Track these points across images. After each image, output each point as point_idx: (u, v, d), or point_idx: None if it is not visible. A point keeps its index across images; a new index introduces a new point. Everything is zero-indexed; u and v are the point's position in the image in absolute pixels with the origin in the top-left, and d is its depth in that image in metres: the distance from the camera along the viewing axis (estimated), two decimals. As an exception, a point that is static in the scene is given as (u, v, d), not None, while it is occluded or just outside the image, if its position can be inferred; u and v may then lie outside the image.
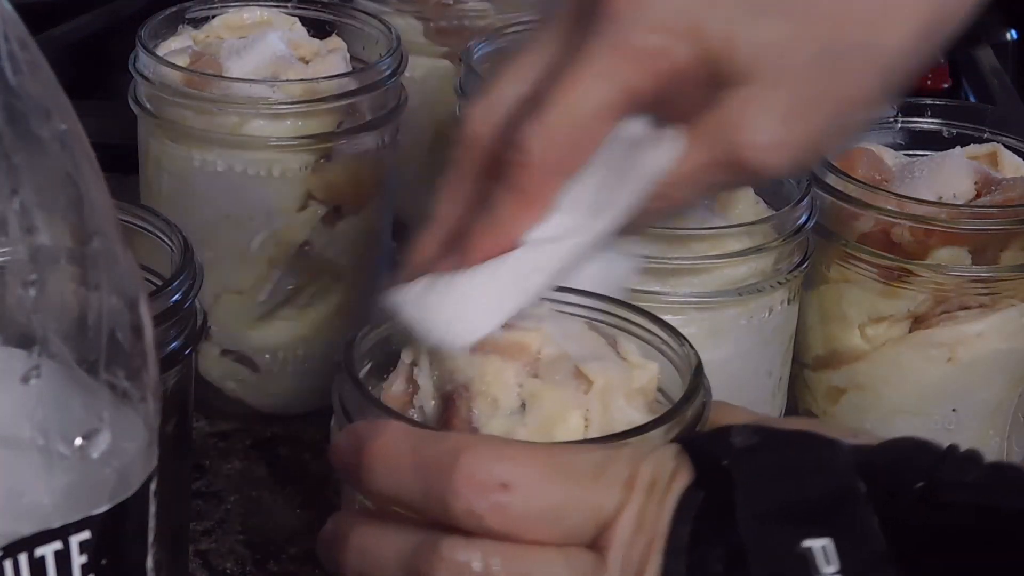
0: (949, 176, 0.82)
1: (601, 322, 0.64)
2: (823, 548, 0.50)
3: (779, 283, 0.78)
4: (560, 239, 0.63)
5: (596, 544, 0.52)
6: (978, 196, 0.83)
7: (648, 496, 0.52)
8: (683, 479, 0.53)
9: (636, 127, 0.64)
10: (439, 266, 0.63)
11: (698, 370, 0.60)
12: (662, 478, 0.53)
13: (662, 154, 0.63)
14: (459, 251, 0.63)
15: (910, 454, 0.54)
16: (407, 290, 0.62)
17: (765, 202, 0.80)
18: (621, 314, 0.64)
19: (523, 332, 0.61)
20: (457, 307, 0.61)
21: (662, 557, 0.51)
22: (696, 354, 0.61)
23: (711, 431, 0.56)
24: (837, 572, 0.50)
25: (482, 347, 0.60)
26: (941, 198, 0.81)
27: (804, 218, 0.79)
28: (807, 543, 0.50)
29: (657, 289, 0.76)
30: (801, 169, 0.74)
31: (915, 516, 0.52)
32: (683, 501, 0.52)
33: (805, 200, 0.79)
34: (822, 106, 0.64)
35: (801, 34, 0.63)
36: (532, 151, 0.61)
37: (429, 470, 0.53)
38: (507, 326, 0.61)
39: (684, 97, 0.63)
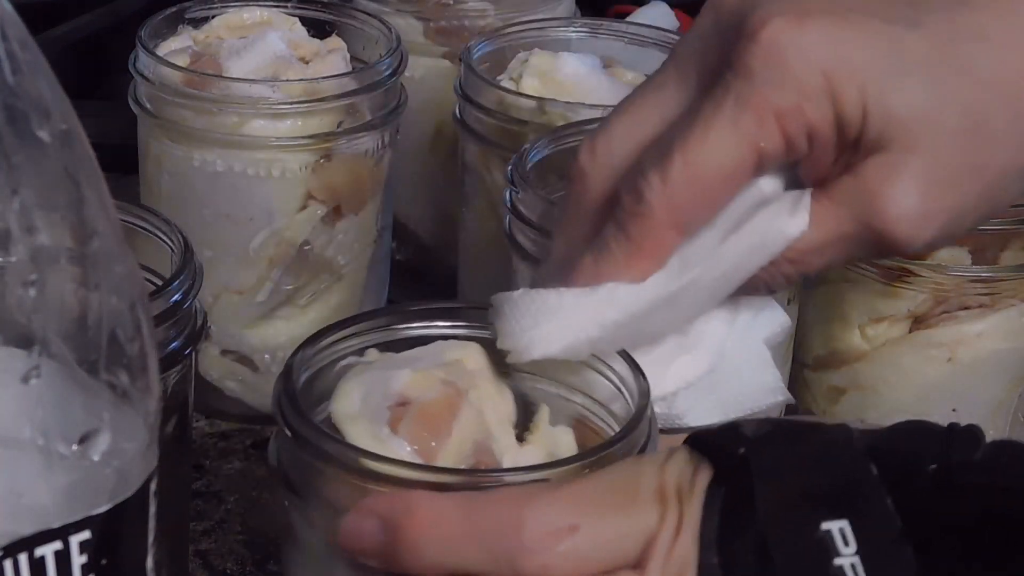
0: None
1: None
2: (840, 530, 0.51)
3: None
4: (658, 289, 0.61)
5: (639, 561, 0.53)
6: None
7: (678, 504, 0.53)
8: (705, 477, 0.53)
9: (768, 185, 0.61)
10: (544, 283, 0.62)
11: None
12: (686, 480, 0.53)
13: (793, 219, 0.61)
14: (563, 280, 0.62)
15: (917, 437, 0.54)
16: (507, 295, 0.62)
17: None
18: None
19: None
20: (538, 314, 0.61)
21: (697, 555, 0.52)
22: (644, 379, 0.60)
23: (719, 428, 0.55)
24: (855, 553, 0.51)
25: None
26: None
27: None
28: (825, 526, 0.51)
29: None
30: (946, 242, 0.69)
31: (928, 498, 0.52)
32: (708, 498, 0.52)
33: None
34: (969, 175, 0.61)
35: (947, 98, 0.60)
36: (652, 204, 0.60)
37: (492, 534, 0.53)
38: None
39: (820, 160, 0.61)
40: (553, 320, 0.60)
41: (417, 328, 0.64)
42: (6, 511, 0.43)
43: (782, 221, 0.61)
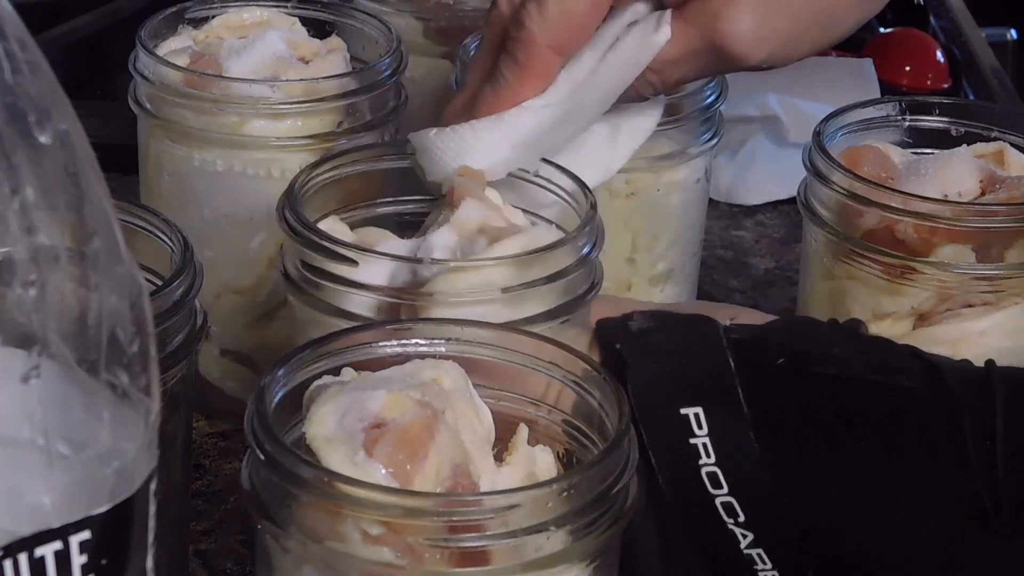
0: (955, 174, 0.82)
1: None
2: (695, 415, 0.62)
3: None
4: (554, 106, 0.74)
5: None
6: (983, 194, 0.83)
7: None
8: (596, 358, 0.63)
9: (630, 13, 0.74)
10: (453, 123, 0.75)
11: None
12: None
13: (653, 38, 0.73)
14: (468, 111, 0.75)
15: (788, 332, 0.66)
16: (423, 134, 0.75)
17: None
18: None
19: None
20: (459, 149, 0.73)
21: None
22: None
23: (620, 317, 0.66)
24: (707, 435, 0.62)
25: None
26: (946, 196, 0.81)
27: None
28: (684, 411, 0.62)
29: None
30: (782, 62, 0.77)
31: (777, 388, 0.62)
32: None
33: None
34: (799, 4, 0.73)
35: None
36: (532, 30, 0.73)
37: None
38: None
39: None
40: (471, 149, 0.73)
41: (393, 346, 0.64)
42: (6, 511, 0.43)
43: (649, 34, 0.74)
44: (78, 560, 0.44)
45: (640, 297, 0.88)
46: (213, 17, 0.93)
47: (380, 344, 0.64)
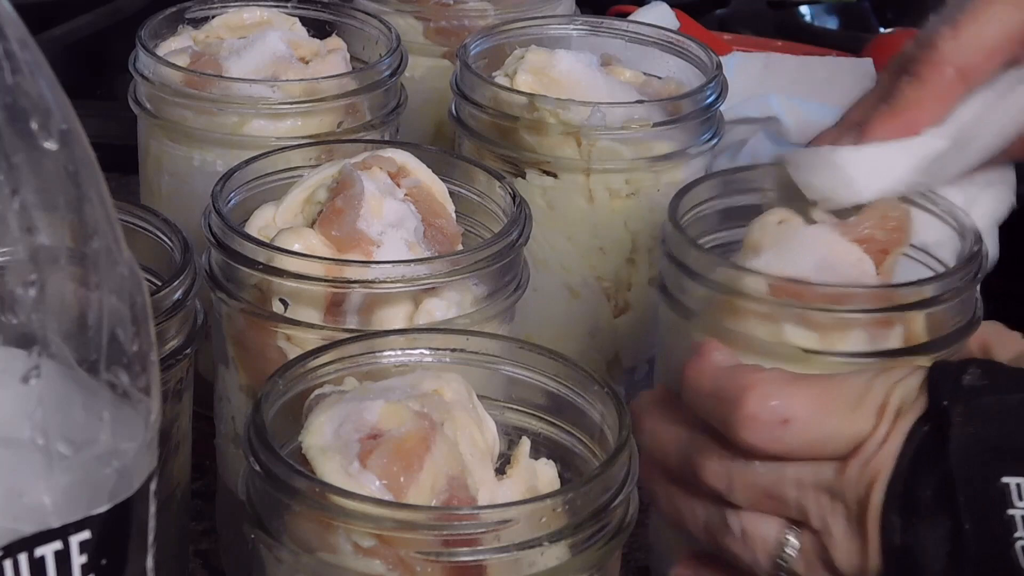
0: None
1: None
2: (1016, 485, 0.58)
3: None
4: (942, 139, 0.71)
5: (843, 458, 0.61)
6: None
7: (892, 422, 0.61)
8: (918, 409, 0.61)
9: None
10: (835, 142, 0.72)
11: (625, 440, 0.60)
12: (907, 405, 0.61)
13: None
14: (856, 132, 0.72)
15: None
16: (797, 153, 0.73)
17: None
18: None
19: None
20: (843, 171, 0.71)
21: (888, 476, 0.60)
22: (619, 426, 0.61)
23: (957, 362, 0.63)
24: None
25: None
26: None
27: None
28: (1006, 479, 0.58)
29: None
30: None
31: None
32: (912, 432, 0.60)
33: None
34: None
35: None
36: (942, 49, 0.71)
37: (721, 401, 0.63)
38: None
39: None
40: (884, 172, 0.71)
41: (397, 356, 0.64)
42: (6, 511, 0.43)
43: None
44: (78, 560, 0.44)
45: (640, 297, 0.88)
46: (213, 17, 0.93)
47: (383, 353, 0.64)
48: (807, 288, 0.67)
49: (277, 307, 0.70)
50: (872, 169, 0.71)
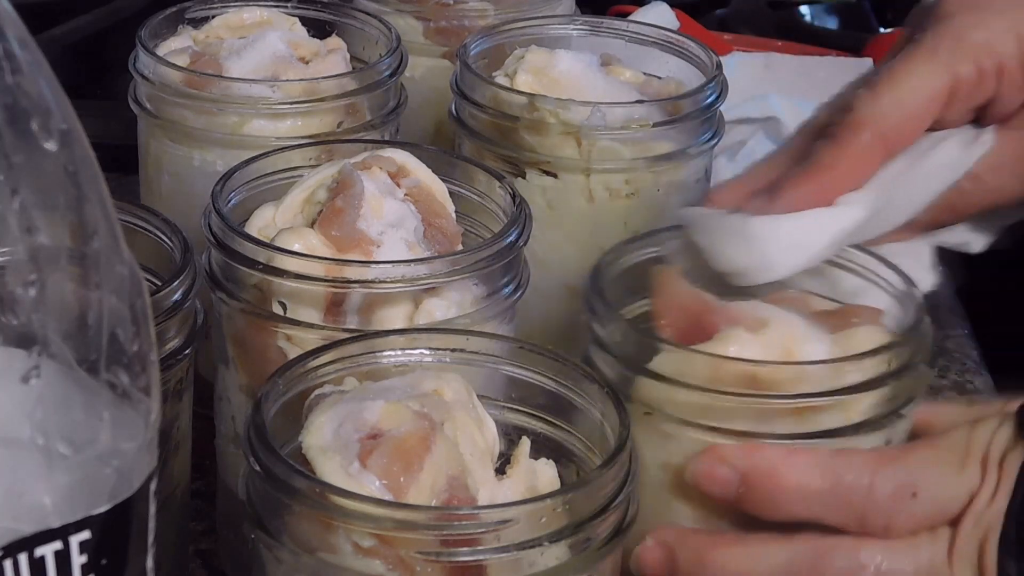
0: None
1: None
2: None
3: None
4: (861, 207, 0.67)
5: (956, 517, 0.61)
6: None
7: (997, 468, 0.61)
8: (1020, 455, 0.61)
9: (947, 133, 0.70)
10: (743, 205, 0.67)
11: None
12: (1006, 451, 0.61)
13: (976, 144, 0.69)
14: (768, 195, 0.67)
15: None
16: (701, 214, 0.67)
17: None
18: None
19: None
20: (758, 244, 0.66)
21: (1002, 522, 0.60)
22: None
23: None
24: None
25: None
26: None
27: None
28: None
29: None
30: None
31: None
32: (1020, 478, 0.60)
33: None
34: None
35: None
36: (862, 113, 0.67)
37: (846, 493, 0.61)
38: None
39: (1006, 99, 0.69)
40: (797, 245, 0.66)
41: (397, 356, 0.64)
42: (6, 511, 0.43)
43: (970, 142, 0.69)
44: (78, 560, 0.44)
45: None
46: (213, 17, 0.93)
47: (383, 353, 0.64)
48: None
49: (277, 308, 0.70)
50: (788, 244, 0.66)
